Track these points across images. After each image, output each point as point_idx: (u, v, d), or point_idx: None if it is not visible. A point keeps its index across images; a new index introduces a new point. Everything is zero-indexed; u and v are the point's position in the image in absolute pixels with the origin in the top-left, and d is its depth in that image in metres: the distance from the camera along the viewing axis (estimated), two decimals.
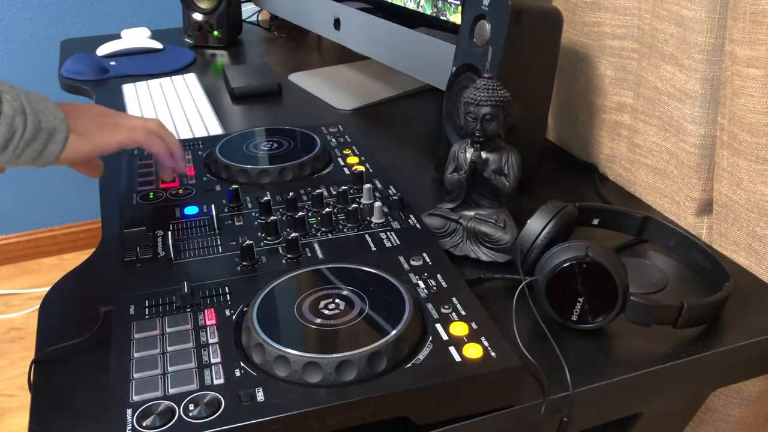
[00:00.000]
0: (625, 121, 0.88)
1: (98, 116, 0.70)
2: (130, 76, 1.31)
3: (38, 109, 0.61)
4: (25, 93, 0.61)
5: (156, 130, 0.73)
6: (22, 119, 0.59)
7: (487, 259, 0.72)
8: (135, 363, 0.52)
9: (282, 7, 1.41)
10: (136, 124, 0.72)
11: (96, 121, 0.69)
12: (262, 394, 0.49)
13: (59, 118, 0.63)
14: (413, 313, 0.55)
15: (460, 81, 0.84)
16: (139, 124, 0.72)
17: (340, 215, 0.71)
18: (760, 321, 0.65)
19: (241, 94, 1.21)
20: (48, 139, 0.61)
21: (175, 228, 0.69)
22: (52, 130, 0.62)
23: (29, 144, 0.60)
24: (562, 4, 0.92)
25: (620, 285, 0.59)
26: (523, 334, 0.61)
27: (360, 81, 1.28)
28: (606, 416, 0.63)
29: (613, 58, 0.87)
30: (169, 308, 0.58)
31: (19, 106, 0.59)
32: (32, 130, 0.60)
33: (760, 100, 0.66)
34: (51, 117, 0.62)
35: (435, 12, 0.98)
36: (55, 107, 0.63)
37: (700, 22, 0.71)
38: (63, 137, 0.63)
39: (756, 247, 0.71)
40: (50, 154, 0.62)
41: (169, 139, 0.74)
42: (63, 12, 2.07)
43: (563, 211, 0.67)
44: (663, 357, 0.60)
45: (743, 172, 0.70)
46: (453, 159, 0.73)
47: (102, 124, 0.69)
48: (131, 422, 0.47)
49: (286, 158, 0.81)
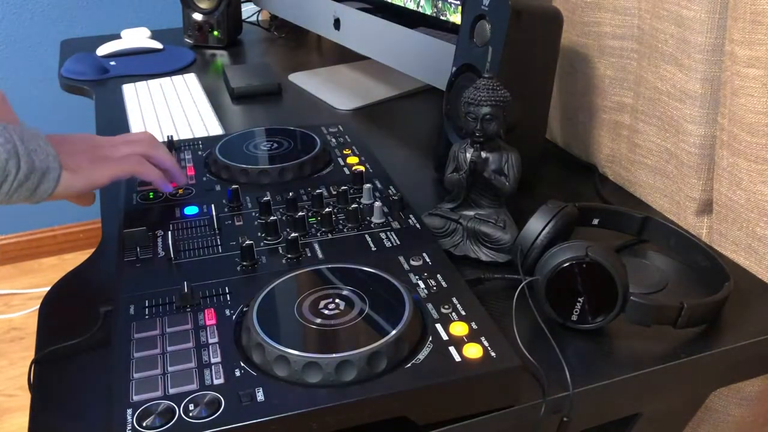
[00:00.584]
0: (625, 121, 0.88)
1: (90, 150, 0.70)
2: (130, 76, 1.31)
3: (31, 148, 0.61)
4: (17, 132, 0.60)
5: (148, 153, 0.72)
6: (15, 161, 0.59)
7: (487, 259, 0.72)
8: (135, 363, 0.52)
9: (282, 7, 1.41)
10: (127, 152, 0.71)
11: (88, 155, 0.69)
12: (262, 394, 0.49)
13: (51, 156, 0.62)
14: (413, 313, 0.55)
15: (460, 81, 0.84)
16: (131, 152, 0.71)
17: (340, 215, 0.71)
18: (760, 321, 0.65)
19: (241, 94, 1.21)
20: (41, 179, 0.61)
21: (175, 228, 0.69)
22: (45, 169, 0.62)
23: (22, 185, 0.60)
24: (562, 4, 0.92)
25: (620, 285, 0.59)
26: (523, 334, 0.61)
27: (360, 81, 1.28)
28: (606, 416, 0.63)
29: (613, 59, 0.87)
30: (169, 308, 0.58)
31: (12, 149, 0.59)
32: (25, 171, 0.60)
33: (760, 100, 0.66)
34: (43, 155, 0.62)
35: (435, 12, 0.98)
36: (47, 144, 0.63)
37: (700, 22, 0.71)
38: (56, 176, 0.63)
39: (756, 247, 0.71)
40: (43, 192, 0.62)
41: (161, 157, 0.74)
42: (63, 12, 2.07)
43: (563, 211, 0.67)
44: (663, 357, 0.60)
45: (743, 172, 0.70)
46: (453, 159, 0.73)
47: (94, 159, 0.69)
48: (131, 422, 0.47)
49: (286, 158, 0.81)
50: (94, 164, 0.68)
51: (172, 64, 1.37)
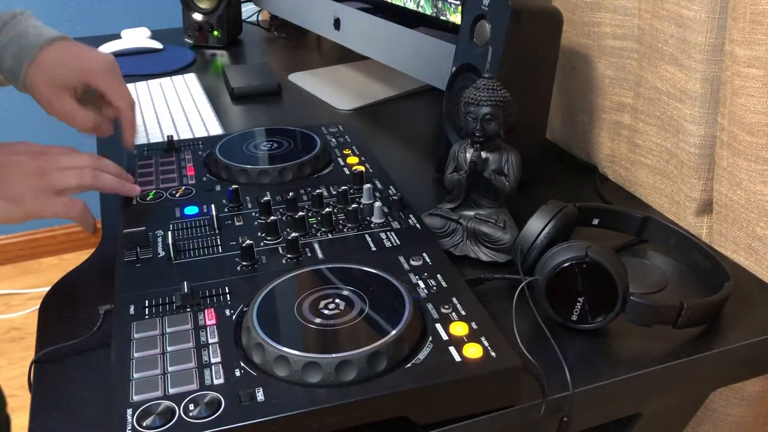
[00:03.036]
0: (625, 121, 0.88)
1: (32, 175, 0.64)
2: (130, 76, 1.31)
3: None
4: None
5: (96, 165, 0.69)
6: None
7: (487, 259, 0.72)
8: (135, 363, 0.52)
9: (282, 7, 1.41)
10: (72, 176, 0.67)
11: (29, 182, 0.64)
12: (262, 394, 0.49)
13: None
14: (413, 313, 0.55)
15: (460, 81, 0.84)
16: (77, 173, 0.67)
17: (340, 215, 0.71)
18: (760, 321, 0.65)
19: (241, 94, 1.21)
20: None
21: (175, 228, 0.69)
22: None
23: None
24: (562, 4, 0.92)
25: (620, 285, 0.59)
26: (523, 334, 0.61)
27: (360, 81, 1.28)
28: (606, 416, 0.63)
29: (613, 58, 0.87)
30: (169, 308, 0.58)
31: None
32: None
33: (760, 100, 0.66)
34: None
35: (435, 12, 0.98)
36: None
37: (700, 22, 0.71)
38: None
39: (756, 247, 0.71)
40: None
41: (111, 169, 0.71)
42: (63, 12, 2.07)
43: (563, 211, 0.67)
44: (663, 357, 0.60)
45: (743, 172, 0.70)
46: (453, 159, 0.73)
47: (38, 188, 0.64)
48: (131, 422, 0.47)
49: (286, 158, 0.81)
50: (37, 195, 0.63)
51: (172, 64, 1.37)
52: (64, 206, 0.67)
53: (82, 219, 0.69)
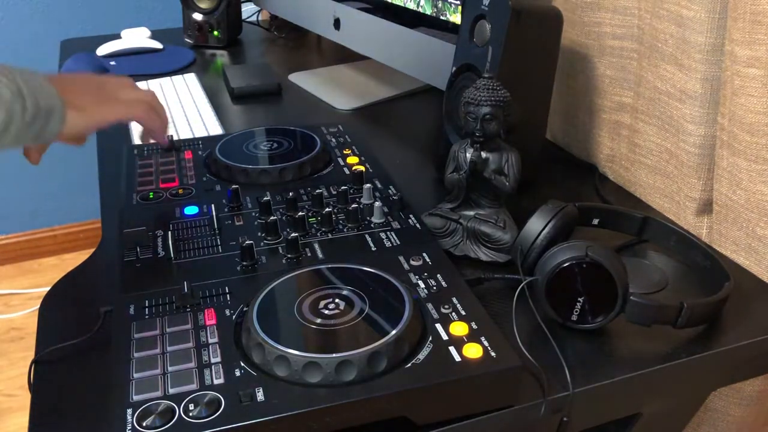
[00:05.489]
0: (625, 121, 0.88)
1: (95, 89, 0.69)
2: (130, 75, 1.30)
3: (34, 88, 0.59)
4: (19, 72, 0.59)
5: (154, 105, 0.73)
6: (21, 102, 0.58)
7: (487, 259, 0.72)
8: (135, 363, 0.52)
9: (282, 7, 1.41)
10: (134, 97, 0.71)
11: (94, 94, 0.68)
12: (262, 394, 0.49)
13: (53, 95, 0.61)
14: (413, 313, 0.55)
15: (460, 81, 0.84)
16: (138, 99, 0.71)
17: (340, 215, 0.71)
18: (760, 321, 0.65)
19: (241, 94, 1.21)
20: (47, 119, 0.60)
21: (175, 228, 0.69)
22: (50, 109, 0.60)
23: (30, 125, 0.59)
24: (562, 4, 0.92)
25: (620, 285, 0.59)
26: (523, 334, 0.61)
27: (360, 81, 1.28)
28: (606, 416, 0.63)
29: (613, 58, 0.87)
30: (168, 308, 0.58)
31: (16, 90, 0.58)
32: (32, 112, 0.59)
33: (760, 100, 0.66)
34: (46, 95, 0.61)
35: (435, 12, 0.98)
36: (48, 84, 0.62)
37: (700, 22, 0.71)
38: (61, 115, 0.62)
39: (756, 247, 0.71)
40: (49, 133, 0.62)
41: (163, 114, 0.75)
42: (63, 12, 2.07)
43: (563, 211, 0.67)
44: (663, 357, 0.60)
45: (743, 172, 0.70)
46: (453, 159, 0.73)
47: (100, 98, 0.68)
48: (131, 422, 0.47)
49: (286, 158, 0.81)
50: (100, 103, 0.67)
51: (172, 64, 1.37)
52: (125, 107, 0.70)
53: (147, 118, 0.71)
